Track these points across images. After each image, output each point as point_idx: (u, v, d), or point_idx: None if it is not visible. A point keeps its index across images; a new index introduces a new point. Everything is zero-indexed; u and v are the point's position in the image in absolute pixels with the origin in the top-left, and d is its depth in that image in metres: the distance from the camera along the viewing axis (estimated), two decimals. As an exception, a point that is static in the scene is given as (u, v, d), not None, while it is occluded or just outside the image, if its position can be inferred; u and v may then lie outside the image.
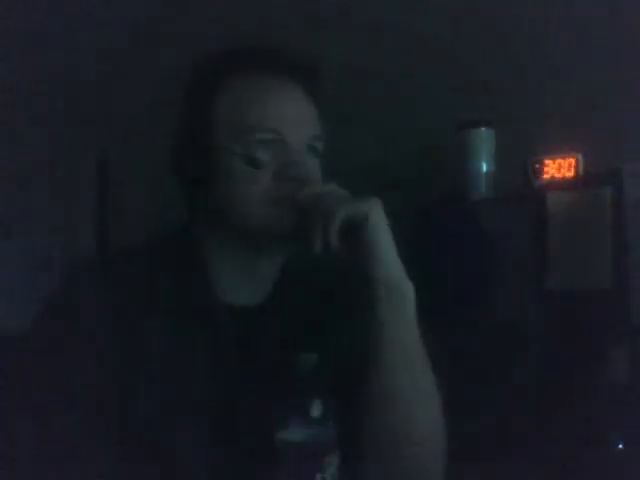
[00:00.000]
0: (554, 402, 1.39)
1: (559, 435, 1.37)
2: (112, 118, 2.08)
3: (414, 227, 1.61)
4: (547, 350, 1.43)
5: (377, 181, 1.79)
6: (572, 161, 1.49)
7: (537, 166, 1.51)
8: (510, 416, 1.43)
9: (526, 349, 1.45)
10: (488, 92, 1.68)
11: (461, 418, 1.40)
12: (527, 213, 1.48)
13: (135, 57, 2.04)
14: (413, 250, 1.60)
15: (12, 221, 2.15)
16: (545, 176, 1.51)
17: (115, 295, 0.86)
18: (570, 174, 1.49)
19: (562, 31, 1.65)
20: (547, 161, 1.51)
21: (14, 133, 2.09)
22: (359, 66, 1.82)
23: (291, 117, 0.91)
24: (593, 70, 1.59)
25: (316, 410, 0.81)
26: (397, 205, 1.68)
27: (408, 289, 0.91)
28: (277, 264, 0.94)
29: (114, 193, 2.13)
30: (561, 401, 1.39)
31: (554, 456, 1.36)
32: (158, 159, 0.98)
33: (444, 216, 1.59)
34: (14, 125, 2.09)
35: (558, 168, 1.50)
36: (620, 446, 1.30)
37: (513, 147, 1.58)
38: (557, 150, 1.51)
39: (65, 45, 2.10)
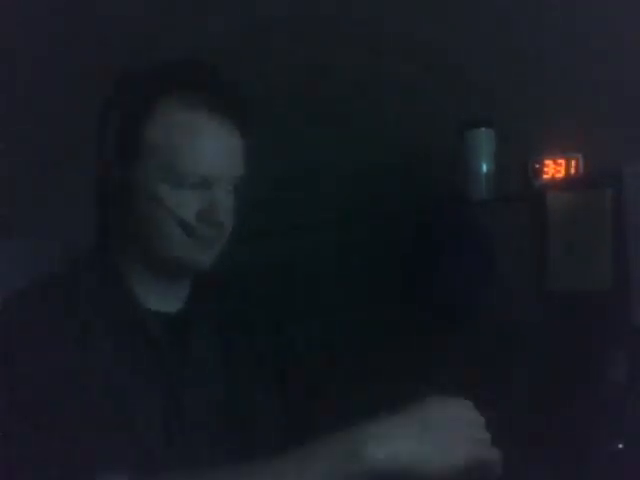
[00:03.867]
0: (554, 402, 1.40)
1: (559, 435, 1.37)
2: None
3: (414, 227, 1.61)
4: (547, 350, 1.43)
5: (377, 181, 1.80)
6: (572, 161, 1.49)
7: (537, 166, 1.52)
8: (510, 416, 1.43)
9: (526, 349, 1.45)
10: (488, 92, 1.68)
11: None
12: (527, 213, 1.48)
13: (135, 57, 2.04)
14: (413, 250, 1.61)
15: (12, 221, 2.15)
16: (545, 176, 1.51)
17: (49, 320, 0.88)
18: (570, 175, 1.49)
19: (562, 31, 1.65)
20: (547, 161, 1.51)
21: (14, 133, 2.09)
22: (359, 66, 1.82)
23: (220, 162, 0.91)
24: (593, 70, 1.59)
25: None
26: (397, 205, 1.69)
27: None
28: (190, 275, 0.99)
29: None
30: (561, 401, 1.39)
31: (554, 456, 1.36)
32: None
33: (444, 216, 1.59)
34: (14, 125, 2.09)
35: (558, 168, 1.50)
36: (620, 446, 1.30)
37: (513, 147, 1.58)
38: (557, 150, 1.51)
39: (65, 44, 2.10)
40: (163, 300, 0.97)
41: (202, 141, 0.89)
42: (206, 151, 0.90)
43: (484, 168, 1.58)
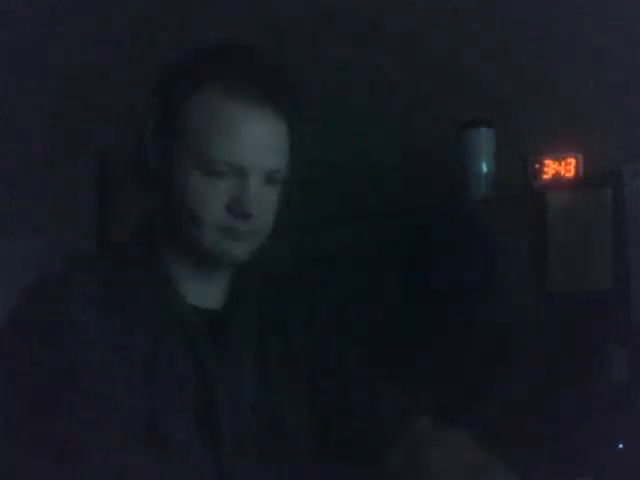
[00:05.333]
0: (554, 402, 1.40)
1: (559, 435, 1.37)
2: (112, 118, 2.08)
3: (414, 227, 1.61)
4: (547, 350, 1.43)
5: (377, 181, 1.80)
6: (572, 161, 1.49)
7: (537, 166, 1.51)
8: (510, 416, 1.43)
9: (526, 349, 1.45)
10: (488, 92, 1.68)
11: (461, 418, 1.40)
12: (527, 213, 1.48)
13: (136, 56, 2.04)
14: (413, 250, 1.61)
15: (12, 221, 2.15)
16: (545, 176, 1.51)
17: (89, 302, 0.85)
18: (570, 174, 1.49)
19: (562, 31, 1.65)
20: (547, 161, 1.51)
21: (14, 133, 2.09)
22: (359, 66, 1.82)
23: (255, 152, 0.88)
24: (593, 70, 1.59)
25: None
26: (397, 205, 1.69)
27: None
28: (230, 269, 0.97)
29: (114, 193, 2.13)
30: (561, 401, 1.39)
31: (554, 456, 1.36)
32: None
33: (444, 216, 1.59)
34: (14, 125, 2.09)
35: (558, 168, 1.50)
36: (620, 446, 1.30)
37: (513, 147, 1.58)
38: (557, 150, 1.51)
39: (65, 44, 2.10)
40: (203, 295, 0.95)
41: (236, 128, 0.86)
42: (240, 139, 0.87)
43: (484, 168, 1.58)
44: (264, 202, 0.90)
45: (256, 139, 0.88)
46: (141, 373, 0.85)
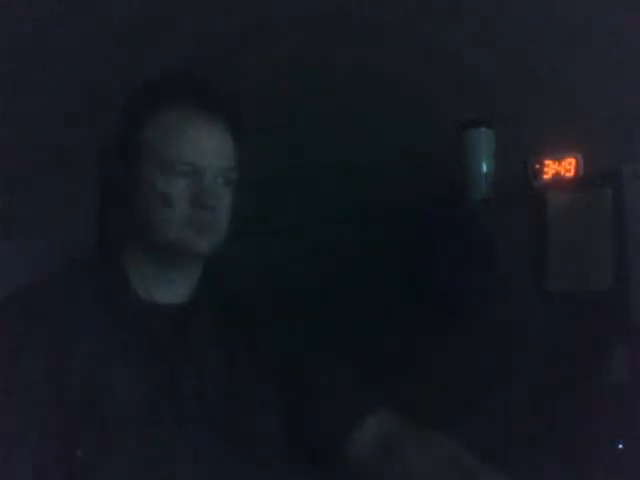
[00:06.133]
0: (554, 402, 1.40)
1: (559, 435, 1.37)
2: (112, 117, 2.07)
3: (414, 227, 1.61)
4: (547, 350, 1.43)
5: (377, 181, 1.80)
6: (572, 161, 1.49)
7: (537, 166, 1.52)
8: (510, 416, 1.43)
9: (526, 349, 1.45)
10: (488, 92, 1.68)
11: (461, 418, 1.40)
12: (527, 213, 1.48)
13: (135, 56, 2.04)
14: (413, 250, 1.61)
15: (12, 221, 2.15)
16: (545, 176, 1.51)
17: (52, 312, 0.96)
18: (570, 174, 1.50)
19: (562, 31, 1.65)
20: (547, 161, 1.51)
21: (14, 132, 2.09)
22: (359, 66, 1.82)
23: (206, 151, 1.01)
24: (593, 70, 1.59)
25: None
26: (397, 205, 1.69)
27: None
28: (198, 265, 1.06)
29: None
30: (561, 401, 1.39)
31: (554, 456, 1.36)
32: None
33: (444, 216, 1.59)
34: (14, 124, 2.09)
35: (558, 168, 1.50)
36: (620, 446, 1.30)
37: (513, 147, 1.58)
38: (557, 150, 1.51)
39: (65, 44, 2.10)
40: (169, 292, 1.03)
41: (188, 132, 1.00)
42: (192, 141, 1.00)
43: (484, 168, 1.58)
44: (220, 198, 1.01)
45: (207, 143, 1.02)
46: (98, 367, 0.93)
